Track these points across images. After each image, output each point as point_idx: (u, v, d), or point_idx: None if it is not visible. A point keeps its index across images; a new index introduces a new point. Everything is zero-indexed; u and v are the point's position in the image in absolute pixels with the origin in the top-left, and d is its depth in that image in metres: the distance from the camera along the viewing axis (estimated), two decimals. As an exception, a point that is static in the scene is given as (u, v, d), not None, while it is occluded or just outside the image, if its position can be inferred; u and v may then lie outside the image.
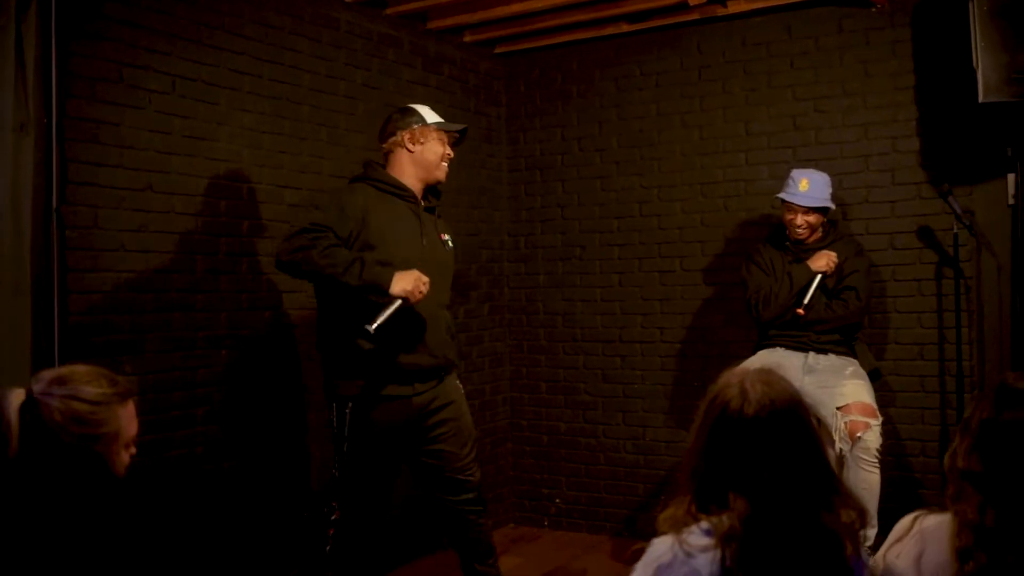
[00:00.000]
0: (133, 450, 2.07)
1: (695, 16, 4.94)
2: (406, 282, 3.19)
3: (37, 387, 1.93)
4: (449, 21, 4.99)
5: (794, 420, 1.74)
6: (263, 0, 4.15)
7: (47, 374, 1.97)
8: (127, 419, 2.01)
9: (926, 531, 1.81)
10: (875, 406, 3.96)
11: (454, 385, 3.63)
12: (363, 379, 3.37)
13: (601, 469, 5.33)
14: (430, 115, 3.61)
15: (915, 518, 1.86)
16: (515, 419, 5.59)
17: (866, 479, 3.85)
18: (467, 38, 5.29)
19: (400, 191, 3.52)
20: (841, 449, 3.86)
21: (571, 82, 5.46)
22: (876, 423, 3.89)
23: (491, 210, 5.52)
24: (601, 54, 5.36)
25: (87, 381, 1.96)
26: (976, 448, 1.78)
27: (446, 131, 3.61)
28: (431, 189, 3.64)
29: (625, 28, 5.15)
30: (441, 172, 3.59)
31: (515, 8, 4.80)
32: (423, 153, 3.54)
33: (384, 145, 3.59)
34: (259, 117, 4.13)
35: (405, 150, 3.54)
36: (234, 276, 4.01)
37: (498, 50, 5.53)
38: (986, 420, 1.78)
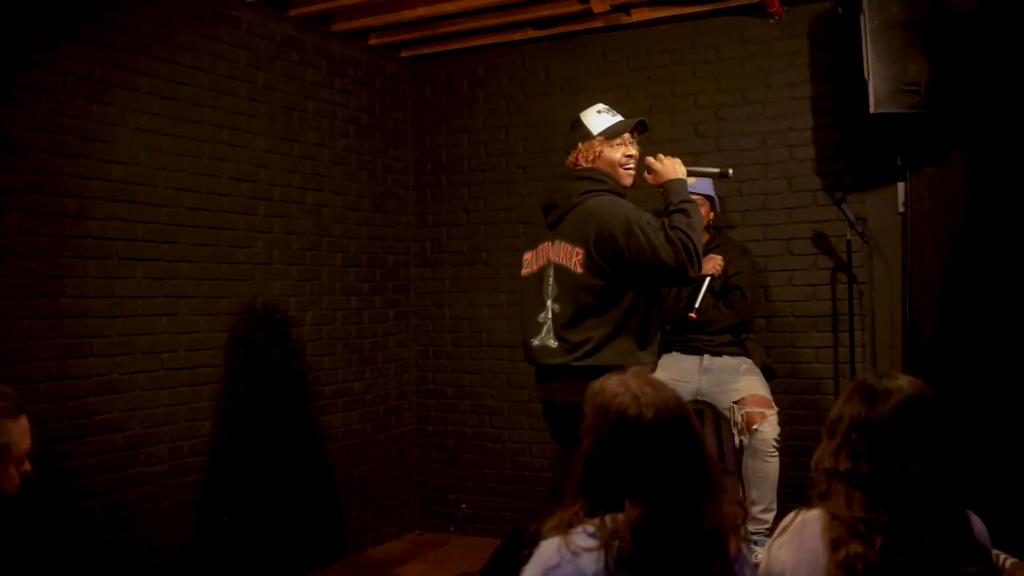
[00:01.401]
0: (27, 466, 1.98)
1: (600, 23, 4.99)
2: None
3: None
4: (355, 23, 4.94)
5: (686, 421, 1.79)
6: (160, -2, 4.05)
7: None
8: (19, 434, 1.93)
9: (804, 524, 1.87)
10: (770, 398, 4.09)
11: None
12: None
13: (507, 474, 5.34)
14: (596, 121, 3.41)
15: (796, 513, 1.93)
16: (421, 424, 5.56)
17: (764, 468, 3.99)
18: (373, 41, 5.25)
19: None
20: (742, 440, 3.98)
21: (478, 87, 5.46)
22: (772, 413, 4.02)
23: (397, 215, 5.49)
24: (508, 59, 5.38)
25: None
26: (843, 446, 1.85)
27: (613, 136, 3.38)
28: None
29: (532, 34, 5.18)
30: (627, 178, 3.37)
31: (421, 12, 4.78)
32: (602, 166, 3.36)
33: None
34: (156, 118, 4.02)
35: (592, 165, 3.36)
36: (130, 281, 3.90)
37: (404, 53, 5.50)
38: (856, 419, 1.84)
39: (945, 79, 4.08)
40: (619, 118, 3.44)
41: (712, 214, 4.35)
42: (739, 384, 4.10)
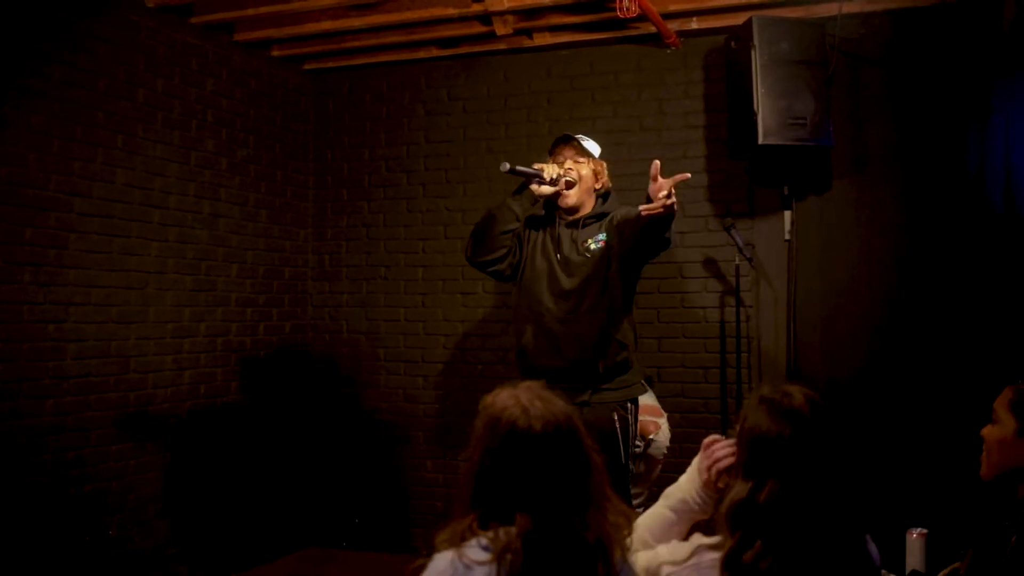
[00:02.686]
0: None
1: (503, 46, 5.07)
2: None
3: None
4: (257, 34, 4.91)
5: (574, 432, 1.81)
6: (57, -1, 3.96)
7: None
8: None
9: (702, 565, 1.86)
10: (659, 406, 4.20)
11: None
12: None
13: (403, 489, 5.33)
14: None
15: (695, 548, 1.90)
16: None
17: (650, 472, 4.10)
18: (276, 52, 5.22)
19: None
20: (635, 448, 4.06)
21: (381, 103, 5.48)
22: (663, 420, 4.14)
23: (295, 227, 5.45)
24: (411, 77, 5.41)
25: None
26: (747, 468, 1.86)
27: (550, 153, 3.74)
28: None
29: (436, 52, 5.23)
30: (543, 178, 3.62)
31: (326, 25, 4.79)
32: None
33: None
34: (49, 119, 3.93)
35: None
36: (16, 287, 3.79)
37: (307, 66, 5.49)
38: (761, 436, 1.85)
39: (829, 114, 4.30)
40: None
41: None
42: None
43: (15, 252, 3.79)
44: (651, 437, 4.06)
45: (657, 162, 3.20)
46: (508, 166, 3.53)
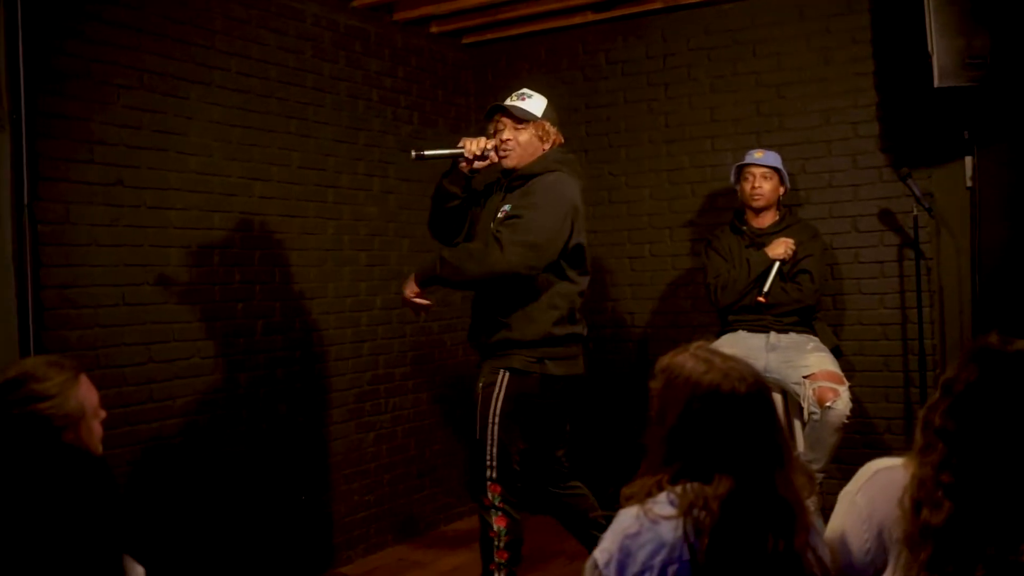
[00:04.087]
0: (103, 413, 2.10)
1: (659, 5, 5.01)
2: None
3: None
4: (416, 12, 5.02)
5: (767, 391, 1.81)
6: (230, -6, 4.17)
7: None
8: (86, 392, 2.03)
9: (879, 480, 1.85)
10: (841, 374, 4.06)
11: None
12: None
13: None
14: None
15: (874, 470, 1.89)
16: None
17: (828, 440, 3.97)
18: (434, 29, 5.33)
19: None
20: (811, 415, 3.96)
21: (539, 71, 5.51)
22: (844, 389, 3.98)
23: (461, 199, 5.57)
24: (568, 43, 5.42)
25: (38, 378, 1.96)
26: (954, 408, 1.79)
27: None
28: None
29: (591, 17, 5.21)
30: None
31: (482, -1, 4.85)
32: None
33: None
34: (228, 110, 4.15)
35: None
36: (207, 269, 4.04)
37: (465, 40, 5.58)
38: (971, 383, 1.77)
39: (1011, 51, 4.02)
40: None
41: (782, 189, 4.34)
42: (808, 360, 4.08)
43: (206, 237, 4.04)
44: (828, 404, 3.94)
45: None
46: (415, 154, 3.53)
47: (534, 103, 3.57)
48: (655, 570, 1.69)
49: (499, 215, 3.47)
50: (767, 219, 4.36)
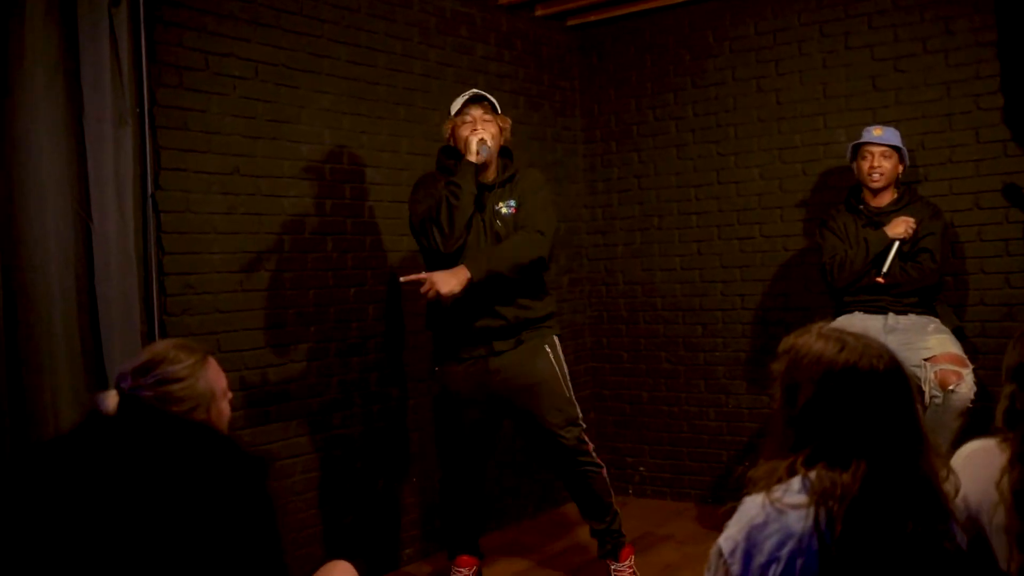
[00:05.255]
0: (230, 395, 2.17)
1: (769, -21, 4.89)
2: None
3: (124, 383, 1.98)
4: (520, -4, 5.02)
5: (905, 372, 1.74)
6: (339, -17, 4.23)
7: (127, 366, 2.03)
8: (215, 375, 2.10)
9: (974, 461, 1.80)
10: (964, 356, 3.92)
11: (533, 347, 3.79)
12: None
13: (684, 437, 5.35)
14: (455, 103, 3.76)
15: (968, 451, 1.89)
16: (597, 389, 5.64)
17: (951, 424, 3.83)
18: (538, 12, 5.31)
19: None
20: (934, 398, 3.83)
21: (644, 52, 5.44)
22: (968, 372, 3.85)
23: (568, 183, 5.56)
24: (673, 22, 5.34)
25: (169, 360, 2.03)
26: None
27: (456, 113, 3.73)
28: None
29: (697, -6, 5.13)
30: (470, 154, 3.62)
31: (586, -20, 4.82)
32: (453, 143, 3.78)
33: None
34: (338, 98, 4.22)
35: None
36: (320, 255, 4.13)
37: (570, 23, 5.54)
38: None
39: None
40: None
41: (901, 167, 4.20)
42: (929, 342, 3.95)
43: (320, 223, 4.12)
44: (951, 388, 3.80)
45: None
46: (487, 149, 3.63)
47: (494, 100, 3.78)
48: (782, 561, 1.62)
49: (503, 210, 3.70)
50: (885, 198, 4.22)
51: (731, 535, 1.69)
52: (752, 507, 1.69)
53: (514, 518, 5.04)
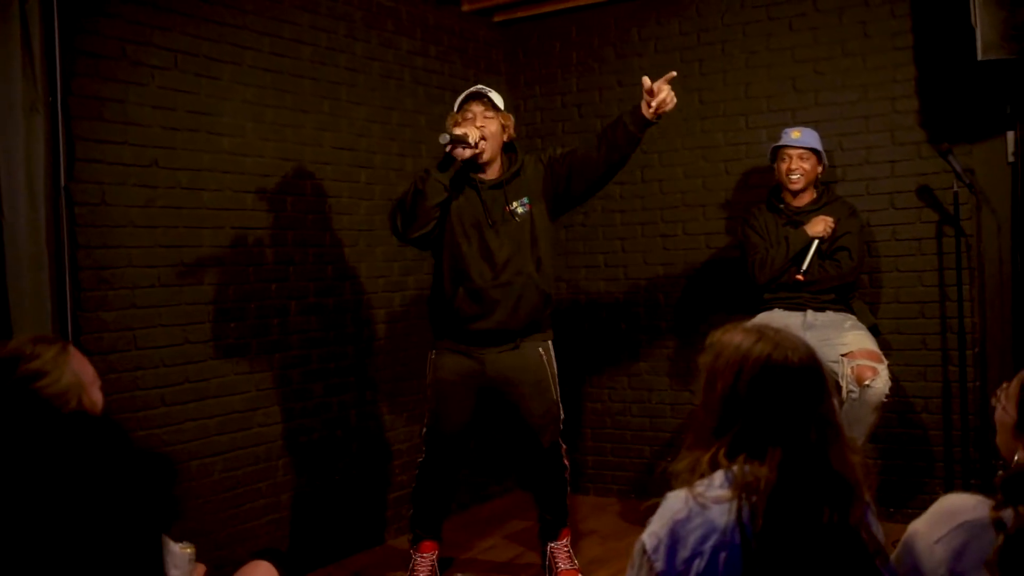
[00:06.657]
0: (99, 382, 2.11)
1: (693, -20, 4.94)
2: None
3: None
4: (447, -10, 4.99)
5: (821, 367, 1.77)
6: (262, -27, 4.16)
7: None
8: (79, 364, 2.05)
9: (966, 531, 1.70)
10: (879, 352, 4.03)
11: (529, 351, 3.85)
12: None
13: (607, 432, 5.39)
14: (459, 100, 3.79)
15: (960, 520, 1.72)
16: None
17: (866, 419, 3.94)
18: (465, 7, 5.29)
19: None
20: (850, 394, 3.92)
21: (570, 49, 5.46)
22: (883, 367, 3.95)
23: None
24: (599, 20, 5.36)
25: (29, 356, 1.98)
26: None
27: (458, 109, 3.75)
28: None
29: (623, -7, 5.16)
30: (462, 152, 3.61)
31: (513, -24, 4.81)
32: None
33: None
34: (261, 91, 4.15)
35: None
36: (241, 250, 4.05)
37: (496, 19, 5.53)
38: None
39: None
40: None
41: (820, 168, 4.29)
42: (846, 338, 4.05)
43: (239, 218, 4.04)
44: (867, 383, 3.90)
45: (647, 79, 3.52)
46: (448, 137, 3.51)
47: (498, 96, 3.77)
48: (706, 556, 1.62)
49: (519, 210, 3.72)
50: (805, 198, 4.31)
51: (654, 531, 1.69)
52: (675, 502, 1.69)
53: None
